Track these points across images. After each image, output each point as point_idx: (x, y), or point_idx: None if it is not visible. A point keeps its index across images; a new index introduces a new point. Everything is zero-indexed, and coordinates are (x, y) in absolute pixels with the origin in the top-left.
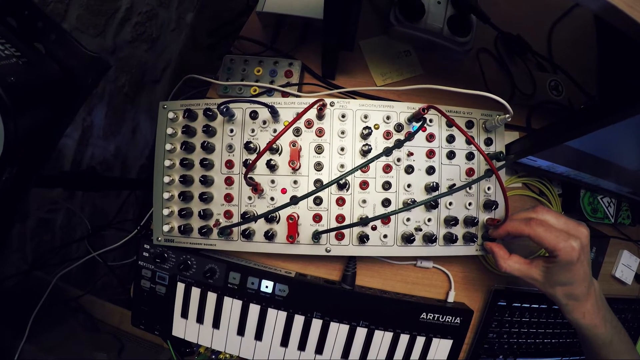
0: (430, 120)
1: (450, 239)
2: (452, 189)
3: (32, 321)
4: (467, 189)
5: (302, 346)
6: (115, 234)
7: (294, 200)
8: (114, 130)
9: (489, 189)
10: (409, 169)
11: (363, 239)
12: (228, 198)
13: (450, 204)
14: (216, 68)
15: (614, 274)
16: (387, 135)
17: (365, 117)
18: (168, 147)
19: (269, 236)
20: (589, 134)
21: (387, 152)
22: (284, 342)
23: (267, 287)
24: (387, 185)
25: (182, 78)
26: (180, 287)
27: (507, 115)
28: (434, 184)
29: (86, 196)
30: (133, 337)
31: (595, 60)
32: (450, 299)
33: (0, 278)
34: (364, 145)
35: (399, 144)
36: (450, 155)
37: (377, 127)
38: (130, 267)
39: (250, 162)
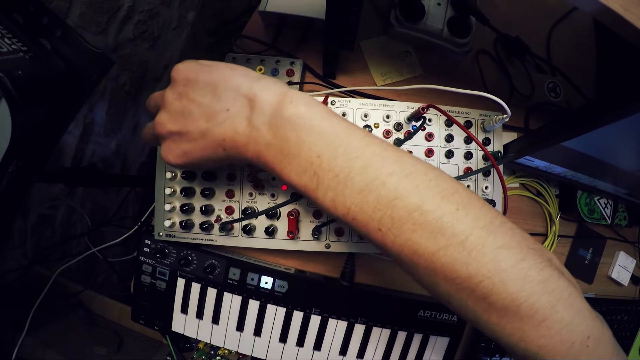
0: (430, 120)
1: None
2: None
3: (32, 316)
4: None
5: (300, 342)
6: (115, 231)
7: (295, 196)
8: (115, 128)
9: (486, 187)
10: None
11: None
12: (230, 194)
13: None
14: None
15: (610, 275)
16: (387, 134)
17: (366, 115)
18: None
19: (270, 232)
20: (585, 135)
21: None
22: (283, 338)
23: (266, 283)
24: None
25: None
26: (181, 282)
27: (505, 116)
28: None
29: (86, 193)
30: (132, 333)
31: (594, 63)
32: None
33: (1, 273)
34: None
35: (398, 143)
36: (449, 154)
37: (377, 125)
38: (131, 264)
39: None
